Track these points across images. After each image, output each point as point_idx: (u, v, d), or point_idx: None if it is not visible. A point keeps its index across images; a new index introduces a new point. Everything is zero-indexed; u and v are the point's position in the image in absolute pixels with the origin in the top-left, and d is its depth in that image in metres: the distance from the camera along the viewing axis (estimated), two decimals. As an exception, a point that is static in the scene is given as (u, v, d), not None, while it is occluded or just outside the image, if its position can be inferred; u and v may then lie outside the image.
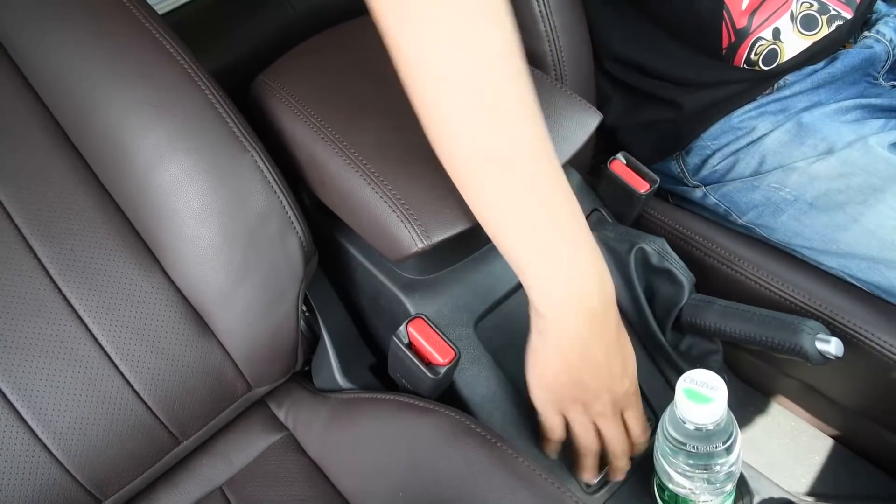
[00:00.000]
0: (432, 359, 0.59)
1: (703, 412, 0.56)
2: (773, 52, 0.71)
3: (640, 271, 0.73)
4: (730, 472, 0.61)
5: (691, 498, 0.63)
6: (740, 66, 0.72)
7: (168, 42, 0.60)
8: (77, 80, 0.59)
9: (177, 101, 0.58)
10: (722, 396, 0.56)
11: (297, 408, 0.70)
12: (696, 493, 0.62)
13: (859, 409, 0.75)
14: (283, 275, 0.62)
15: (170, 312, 0.59)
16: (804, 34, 0.71)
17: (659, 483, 0.66)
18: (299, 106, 0.65)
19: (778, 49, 0.71)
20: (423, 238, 0.57)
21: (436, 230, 0.57)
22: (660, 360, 0.75)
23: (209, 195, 0.58)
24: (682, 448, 0.59)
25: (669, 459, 0.61)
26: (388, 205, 0.58)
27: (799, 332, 0.64)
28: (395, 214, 0.58)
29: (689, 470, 0.60)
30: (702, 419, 0.57)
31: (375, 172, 0.60)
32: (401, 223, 0.57)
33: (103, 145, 0.59)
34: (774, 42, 0.71)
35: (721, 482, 0.61)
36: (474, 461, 0.57)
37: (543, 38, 0.71)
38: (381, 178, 0.59)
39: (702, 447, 0.59)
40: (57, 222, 0.57)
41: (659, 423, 0.63)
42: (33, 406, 0.54)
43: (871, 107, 0.74)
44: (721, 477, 0.61)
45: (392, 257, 0.60)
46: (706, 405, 0.56)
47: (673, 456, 0.61)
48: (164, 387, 0.58)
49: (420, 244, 0.57)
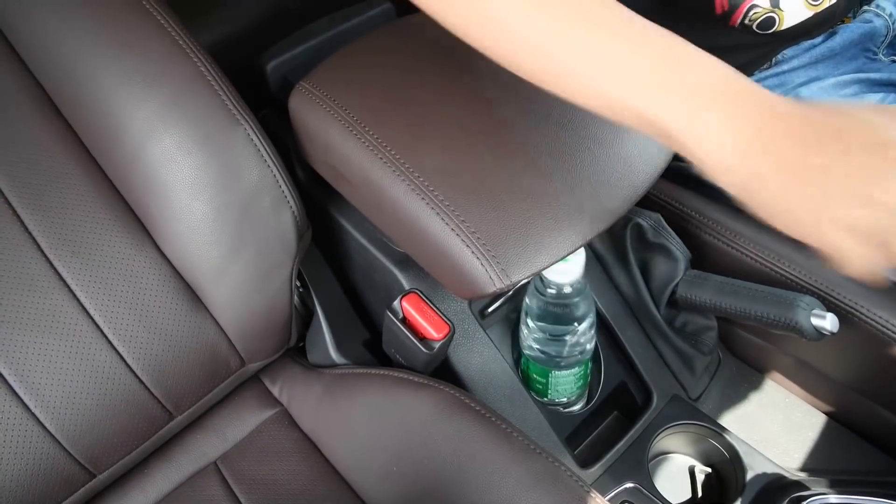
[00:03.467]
0: (426, 333, 0.59)
1: (560, 270, 0.59)
2: (769, 20, 0.70)
3: (635, 246, 0.73)
4: (579, 343, 0.65)
5: (544, 365, 0.67)
6: (735, 25, 0.71)
7: (159, 13, 0.59)
8: (67, 52, 0.58)
9: (168, 73, 0.57)
10: (578, 261, 0.59)
11: (291, 383, 0.70)
12: (545, 356, 0.66)
13: (853, 385, 0.75)
14: (276, 249, 0.61)
15: (162, 287, 0.58)
16: (811, 4, 0.70)
17: (523, 358, 0.70)
18: (350, 119, 0.57)
19: (777, 17, 0.70)
20: (503, 278, 0.50)
21: (516, 269, 0.50)
22: (654, 336, 0.75)
23: (201, 168, 0.57)
24: (541, 308, 0.63)
25: (528, 323, 0.65)
26: (461, 238, 0.51)
27: (794, 307, 0.64)
28: (470, 250, 0.51)
29: (543, 334, 0.65)
30: (559, 277, 0.60)
31: (445, 201, 0.52)
32: (476, 260, 0.51)
33: (94, 118, 0.58)
34: (773, 10, 0.70)
35: (570, 351, 0.65)
36: (469, 436, 0.57)
37: None
38: (451, 207, 0.52)
39: (557, 311, 0.62)
40: (48, 196, 0.57)
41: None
42: (26, 381, 0.53)
43: (870, 81, 0.74)
44: (570, 348, 0.65)
45: (464, 296, 0.55)
46: (564, 264, 0.58)
47: (532, 319, 0.64)
48: (158, 361, 0.58)
49: (499, 284, 0.50)
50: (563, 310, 0.62)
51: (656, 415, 0.74)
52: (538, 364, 0.67)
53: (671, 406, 0.75)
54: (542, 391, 0.70)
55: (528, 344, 0.66)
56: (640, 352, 0.74)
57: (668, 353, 0.76)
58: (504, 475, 0.54)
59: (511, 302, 0.71)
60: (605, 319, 0.74)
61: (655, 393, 0.74)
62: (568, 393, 0.71)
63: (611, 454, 0.71)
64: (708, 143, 0.39)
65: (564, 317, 0.62)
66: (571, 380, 0.69)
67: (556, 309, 0.62)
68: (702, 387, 0.81)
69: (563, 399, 0.72)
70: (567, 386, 0.69)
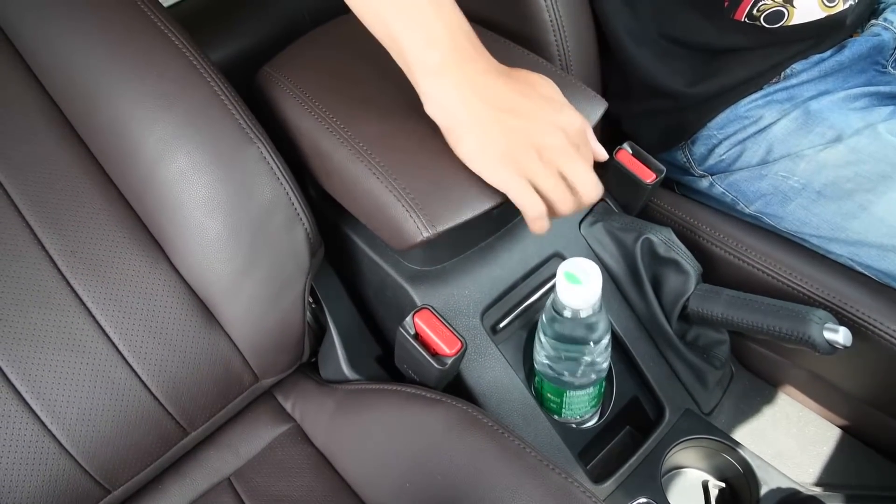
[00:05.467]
0: (439, 350, 0.59)
1: (577, 293, 0.59)
2: (778, 14, 0.70)
3: (646, 261, 0.73)
4: (593, 363, 0.64)
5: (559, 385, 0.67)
6: (741, 19, 0.71)
7: (173, 34, 0.60)
8: (82, 72, 0.59)
9: (182, 93, 0.58)
10: (595, 283, 0.59)
11: (304, 399, 0.70)
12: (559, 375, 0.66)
13: (868, 399, 0.74)
14: (289, 266, 0.62)
15: (177, 304, 0.59)
16: (826, 6, 0.70)
17: (537, 377, 0.70)
18: (304, 96, 0.65)
19: (786, 11, 0.70)
20: (429, 227, 0.57)
21: (441, 220, 0.57)
22: (666, 351, 0.75)
23: (215, 187, 0.58)
24: (555, 327, 0.63)
25: (543, 341, 0.65)
26: (394, 195, 0.58)
27: (807, 321, 0.63)
28: (401, 204, 0.58)
29: (557, 353, 0.64)
30: (575, 301, 0.60)
31: (381, 163, 0.60)
32: (406, 213, 0.57)
33: (109, 137, 0.59)
34: (784, 4, 0.69)
35: (584, 372, 0.65)
36: (481, 452, 0.57)
37: (549, 27, 0.71)
38: (386, 168, 0.59)
39: (573, 331, 0.63)
40: (64, 214, 0.58)
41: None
42: (42, 397, 0.54)
43: (880, 94, 0.74)
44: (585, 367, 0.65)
45: (397, 247, 0.60)
46: (581, 287, 0.59)
47: (547, 337, 0.64)
48: (172, 378, 0.58)
49: (425, 234, 0.57)
50: (578, 331, 0.62)
51: (669, 429, 0.74)
52: (553, 384, 0.67)
53: (684, 420, 0.74)
54: (557, 410, 0.70)
55: (542, 361, 0.66)
56: (652, 366, 0.74)
57: (681, 368, 0.75)
58: (517, 491, 0.54)
59: (523, 317, 0.71)
60: (616, 334, 0.74)
61: (668, 407, 0.74)
62: (582, 411, 0.71)
63: (624, 469, 0.71)
64: (424, 76, 0.54)
65: (580, 337, 0.62)
66: (586, 399, 0.69)
67: (571, 330, 0.62)
68: (714, 401, 0.81)
69: (577, 417, 0.72)
70: (581, 405, 0.69)
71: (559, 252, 0.73)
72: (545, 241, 0.72)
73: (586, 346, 0.63)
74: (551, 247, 0.73)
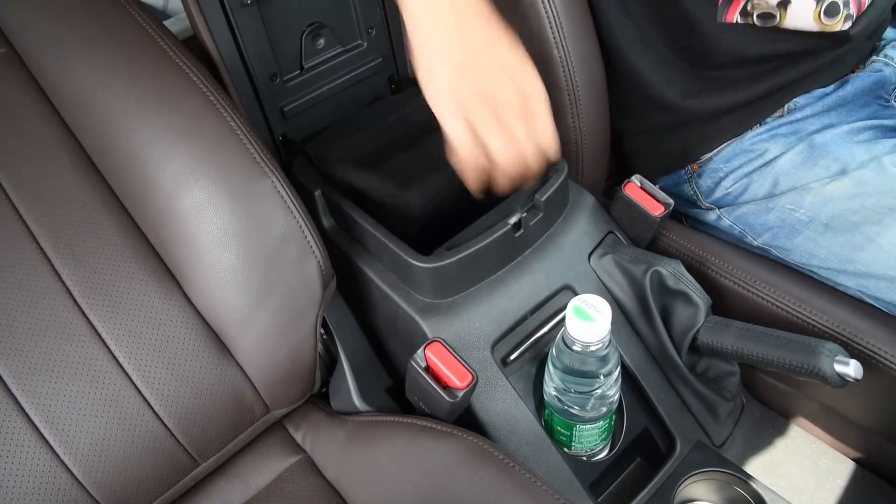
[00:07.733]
0: (450, 382, 0.59)
1: (587, 329, 0.61)
2: (769, 15, 0.70)
3: (656, 294, 0.73)
4: (603, 396, 0.65)
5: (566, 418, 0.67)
6: (733, 21, 0.70)
7: (190, 69, 0.61)
8: (101, 106, 0.60)
9: (199, 128, 0.60)
10: (606, 318, 0.61)
11: (314, 430, 0.70)
12: (569, 408, 0.66)
13: (880, 431, 0.74)
14: (301, 298, 0.62)
15: (190, 335, 0.59)
16: (822, 21, 0.69)
17: (547, 410, 0.70)
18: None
19: (777, 16, 0.69)
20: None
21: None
22: (676, 382, 0.75)
23: (230, 220, 0.58)
24: (563, 359, 0.64)
25: (553, 375, 0.66)
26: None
27: (817, 354, 0.63)
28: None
29: (567, 386, 0.65)
30: (585, 336, 0.61)
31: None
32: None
33: (127, 170, 0.60)
34: (778, 8, 0.69)
35: (594, 405, 0.65)
36: (492, 485, 0.57)
37: (552, 44, 0.72)
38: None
39: (582, 364, 0.63)
40: (81, 245, 0.58)
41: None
42: (56, 427, 0.54)
43: (884, 127, 0.74)
44: (595, 401, 0.65)
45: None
46: (590, 323, 0.60)
47: (557, 370, 0.65)
48: (184, 409, 0.59)
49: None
50: (588, 364, 0.62)
51: (680, 462, 0.73)
52: (562, 417, 0.67)
53: (695, 453, 0.74)
54: (567, 443, 0.70)
55: (552, 393, 0.66)
56: (663, 398, 0.74)
57: (691, 399, 0.75)
58: (528, 524, 0.54)
59: (533, 350, 0.71)
60: (626, 366, 0.74)
61: (679, 439, 0.74)
62: (592, 444, 0.70)
63: (635, 502, 0.70)
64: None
65: (590, 371, 0.63)
66: (596, 432, 0.68)
67: (581, 363, 0.62)
68: (726, 433, 0.81)
69: (587, 450, 0.71)
70: (592, 438, 0.69)
71: (569, 284, 0.73)
72: (555, 274, 0.73)
73: (596, 379, 0.63)
74: (561, 279, 0.73)
